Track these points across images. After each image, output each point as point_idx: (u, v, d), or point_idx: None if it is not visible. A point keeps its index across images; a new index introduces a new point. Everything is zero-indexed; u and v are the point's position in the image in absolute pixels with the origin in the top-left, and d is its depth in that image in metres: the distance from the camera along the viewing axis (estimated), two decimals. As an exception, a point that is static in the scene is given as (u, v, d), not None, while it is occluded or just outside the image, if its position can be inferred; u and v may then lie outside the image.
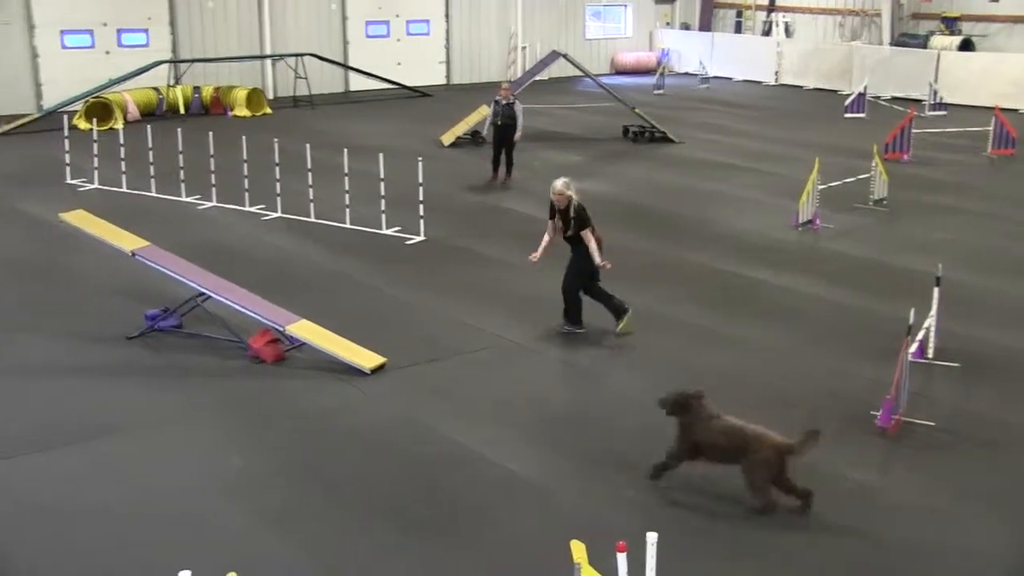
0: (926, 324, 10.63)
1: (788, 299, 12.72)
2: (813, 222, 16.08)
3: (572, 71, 26.58)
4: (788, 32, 36.54)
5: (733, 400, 9.64)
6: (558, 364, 10.70)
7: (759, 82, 34.85)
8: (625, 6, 38.30)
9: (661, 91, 31.86)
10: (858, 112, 27.47)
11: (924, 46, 32.19)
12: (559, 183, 11.38)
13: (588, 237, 11.18)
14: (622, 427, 9.09)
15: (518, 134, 19.09)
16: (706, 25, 38.90)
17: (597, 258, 11.17)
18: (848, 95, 28.76)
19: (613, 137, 24.15)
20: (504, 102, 19.04)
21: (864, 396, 9.62)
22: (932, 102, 27.93)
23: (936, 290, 10.49)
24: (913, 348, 9.84)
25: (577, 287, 11.35)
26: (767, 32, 37.12)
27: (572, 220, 11.22)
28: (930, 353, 10.57)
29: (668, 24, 39.30)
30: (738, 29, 38.33)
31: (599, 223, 11.50)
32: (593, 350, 10.91)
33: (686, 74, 36.44)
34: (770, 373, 10.38)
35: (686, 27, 39.25)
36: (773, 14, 37.24)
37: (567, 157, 21.85)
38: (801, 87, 33.72)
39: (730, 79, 35.45)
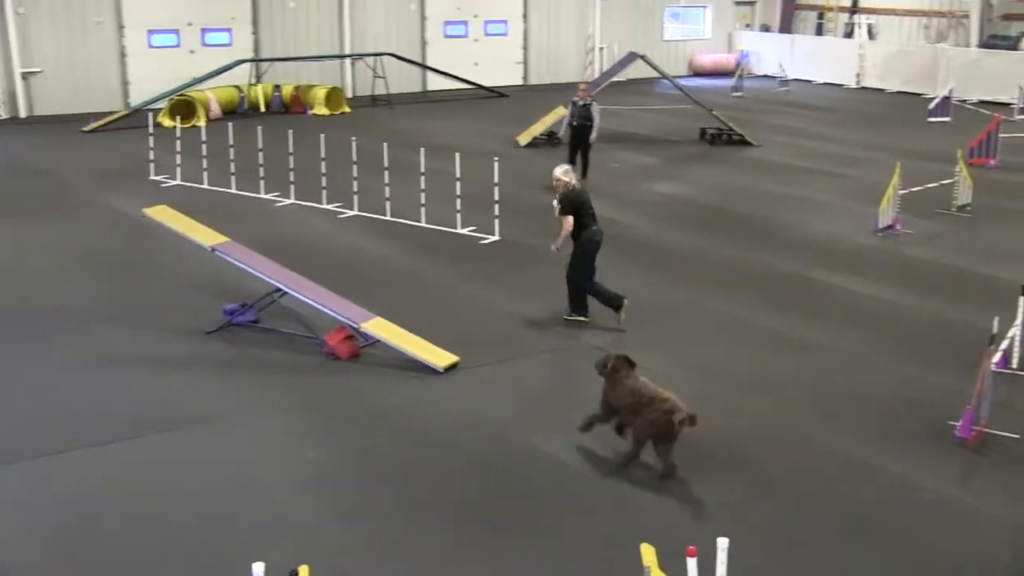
0: (1011, 334, 10.38)
1: (866, 305, 12.51)
2: (894, 227, 15.79)
3: (649, 72, 26.41)
4: (871, 34, 35.91)
5: (809, 405, 9.54)
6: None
7: (840, 85, 34.31)
8: (704, 7, 38.00)
9: (739, 93, 31.55)
10: (943, 116, 26.89)
11: (1015, 48, 31.38)
12: (558, 170, 11.67)
13: (566, 223, 11.39)
14: (696, 432, 9.00)
15: (594, 135, 19.05)
16: (786, 27, 38.41)
17: (559, 241, 11.51)
18: (932, 98, 28.19)
19: (690, 139, 23.97)
20: (581, 103, 19.01)
21: (943, 406, 9.42)
22: (1021, 106, 27.24)
23: (1022, 299, 10.23)
24: (996, 358, 9.61)
25: (579, 274, 11.54)
26: (849, 34, 36.50)
27: (557, 205, 11.53)
28: (1014, 363, 10.32)
29: (748, 26, 38.89)
30: (819, 31, 37.76)
31: (674, 226, 11.43)
32: (668, 355, 10.83)
33: (765, 76, 36.02)
34: (847, 380, 10.21)
35: (766, 29, 38.80)
36: (856, 16, 36.63)
37: (643, 159, 21.75)
38: (883, 90, 33.12)
39: (810, 82, 34.97)
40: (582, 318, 11.54)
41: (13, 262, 14.08)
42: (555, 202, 11.69)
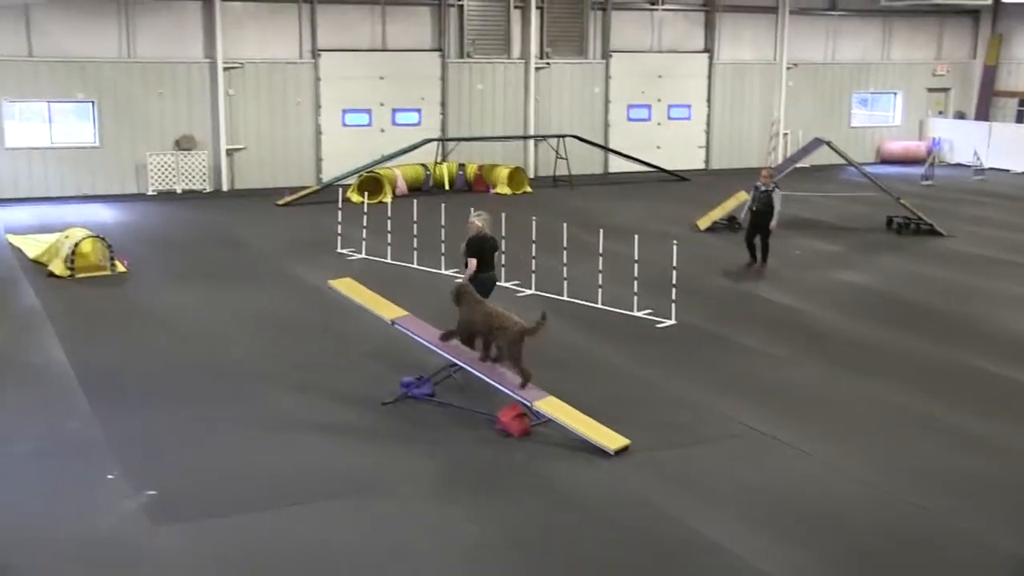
0: None
1: (1068, 408, 11.75)
2: (1098, 327, 14.86)
3: (835, 159, 25.91)
4: (1076, 122, 34.33)
5: (991, 510, 8.97)
6: (808, 459, 10.25)
7: (1040, 175, 32.83)
8: (895, 93, 37.14)
9: (930, 182, 30.52)
10: None
11: None
12: (473, 214, 13.22)
13: (470, 265, 12.84)
14: (875, 528, 8.61)
15: (774, 222, 18.68)
16: (983, 114, 37.09)
17: (463, 277, 12.94)
18: None
19: (876, 228, 23.28)
20: (763, 188, 18.76)
21: None
22: None
23: None
24: None
25: None
26: (1052, 122, 34.97)
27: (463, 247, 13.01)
28: None
29: (941, 113, 37.75)
30: (1020, 119, 36.28)
31: (856, 316, 11.08)
32: (844, 445, 10.42)
33: (958, 165, 34.80)
34: (1043, 487, 9.58)
35: (961, 116, 37.57)
36: (1060, 103, 35.11)
37: (826, 246, 21.24)
38: (1088, 181, 31.50)
39: (1008, 171, 33.55)
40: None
41: (206, 325, 14.78)
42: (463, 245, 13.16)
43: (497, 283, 13.93)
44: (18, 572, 7.82)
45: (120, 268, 17.96)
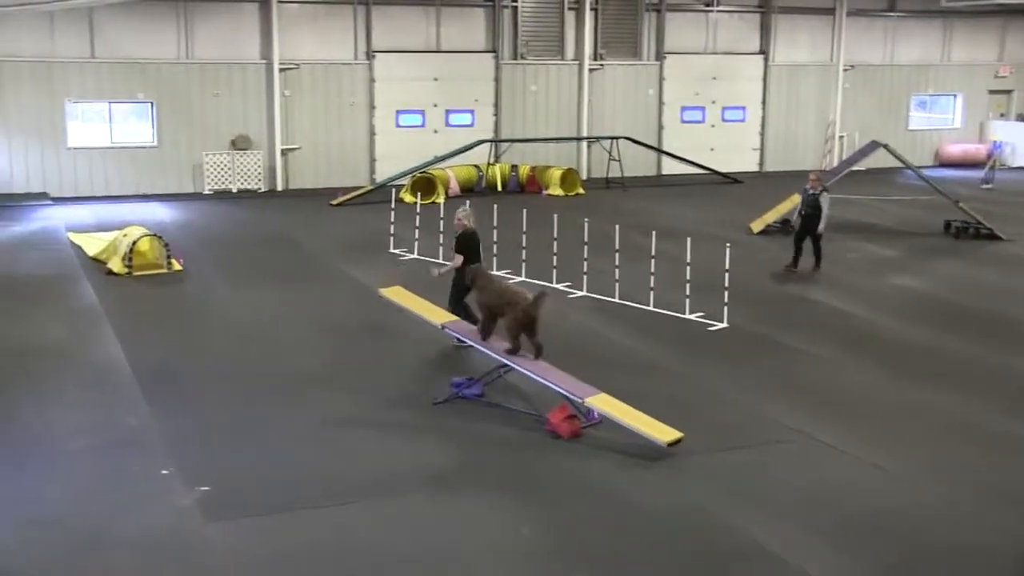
0: None
1: None
2: None
3: (892, 162, 25.59)
4: None
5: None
6: (861, 465, 10.13)
7: (1104, 179, 32.17)
8: (955, 95, 36.60)
9: (989, 185, 30.05)
10: None
11: None
12: (460, 211, 13.79)
13: (456, 260, 13.29)
14: (929, 539, 8.50)
15: (821, 226, 18.47)
16: (1047, 116, 36.49)
17: (441, 269, 13.78)
18: None
19: (933, 232, 22.96)
20: (811, 192, 18.58)
21: None
22: None
23: None
24: None
25: (453, 299, 13.37)
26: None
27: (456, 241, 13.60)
28: None
29: (1003, 115, 37.13)
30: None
31: (912, 321, 10.93)
32: (900, 452, 10.29)
33: (1020, 168, 34.20)
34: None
35: (1023, 118, 36.93)
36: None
37: (882, 251, 20.98)
38: None
39: (1070, 175, 32.96)
40: (463, 344, 12.60)
41: (260, 324, 14.94)
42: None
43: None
44: (80, 562, 7.97)
45: (176, 266, 18.23)
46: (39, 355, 13.34)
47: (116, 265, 17.85)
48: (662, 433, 10.21)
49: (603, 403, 10.67)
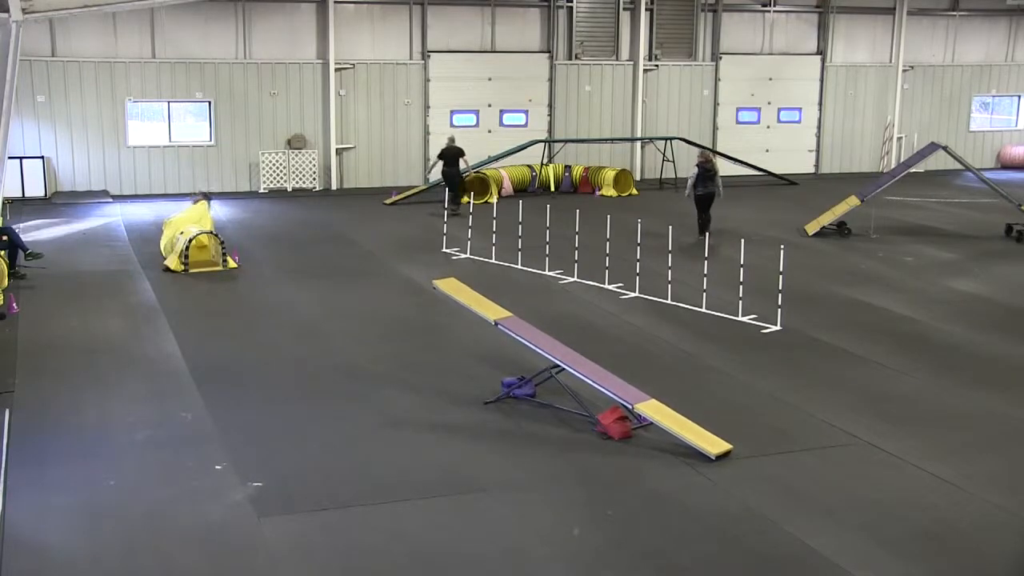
0: None
1: None
2: None
3: (951, 164, 25.21)
4: None
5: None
6: (916, 471, 9.99)
7: None
8: (1018, 96, 35.94)
9: (1053, 188, 29.48)
10: None
11: None
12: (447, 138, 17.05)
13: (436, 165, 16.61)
14: (989, 549, 8.35)
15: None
16: (1115, 118, 35.72)
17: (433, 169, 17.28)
18: None
19: (993, 235, 22.57)
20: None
21: None
22: None
23: None
24: None
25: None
26: None
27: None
28: None
29: (1066, 117, 36.44)
30: None
31: (971, 326, 10.76)
32: (959, 460, 10.12)
33: (1084, 171, 33.53)
34: None
35: (1087, 121, 36.22)
36: None
37: (941, 254, 20.67)
38: None
39: None
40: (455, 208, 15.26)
41: (314, 321, 15.07)
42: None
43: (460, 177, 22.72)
44: (138, 554, 8.10)
45: (232, 264, 18.44)
46: (101, 350, 13.58)
47: (172, 262, 18.10)
48: (711, 444, 10.13)
49: (653, 410, 10.60)
